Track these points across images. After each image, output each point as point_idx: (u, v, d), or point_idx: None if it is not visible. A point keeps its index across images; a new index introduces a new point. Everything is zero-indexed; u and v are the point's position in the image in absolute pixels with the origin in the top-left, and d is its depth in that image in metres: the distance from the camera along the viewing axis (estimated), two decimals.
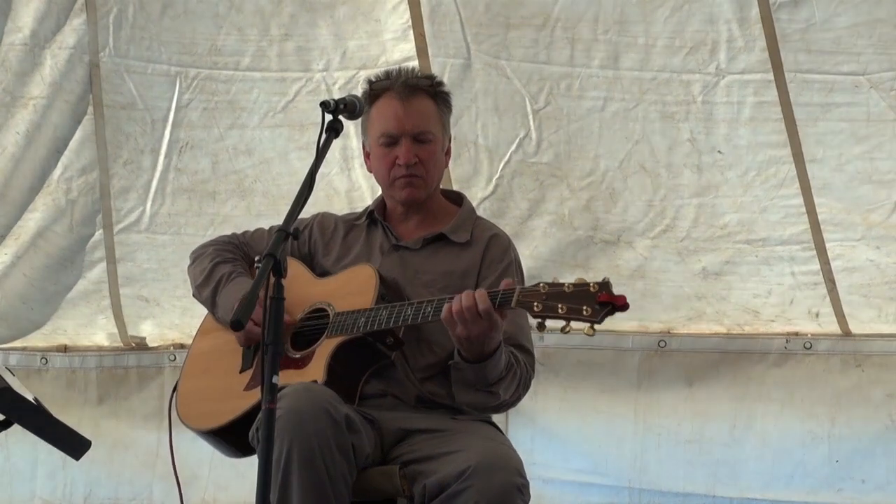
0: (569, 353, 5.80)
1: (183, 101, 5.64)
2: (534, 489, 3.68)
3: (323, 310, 3.89)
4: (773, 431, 5.62)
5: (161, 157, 5.74)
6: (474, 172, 5.59)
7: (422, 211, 4.05)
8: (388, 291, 3.85)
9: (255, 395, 3.76)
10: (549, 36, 5.31)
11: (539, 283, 3.51)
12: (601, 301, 3.40)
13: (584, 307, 3.41)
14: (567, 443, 5.80)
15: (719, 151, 5.35)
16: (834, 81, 5.15)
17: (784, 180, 5.32)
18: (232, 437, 3.88)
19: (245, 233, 4.27)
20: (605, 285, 3.42)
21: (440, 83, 4.06)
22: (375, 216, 4.09)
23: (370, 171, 4.10)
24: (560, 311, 3.44)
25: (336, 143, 3.64)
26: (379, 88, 4.00)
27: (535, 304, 3.47)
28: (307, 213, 3.63)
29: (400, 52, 5.46)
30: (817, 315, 5.54)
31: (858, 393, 5.55)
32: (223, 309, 4.04)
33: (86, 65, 5.61)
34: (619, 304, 3.41)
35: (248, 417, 3.76)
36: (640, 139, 5.39)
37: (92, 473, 6.12)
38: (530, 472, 3.68)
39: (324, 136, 3.59)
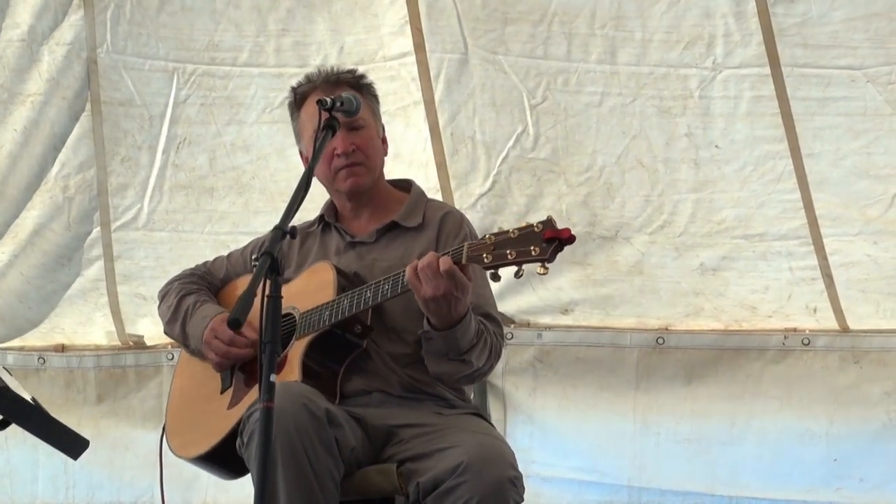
0: (567, 351, 5.80)
1: (180, 97, 5.65)
2: (532, 487, 3.68)
3: (289, 314, 3.90)
4: (771, 430, 5.62)
5: (159, 154, 5.74)
6: (472, 168, 5.60)
7: (371, 203, 4.07)
8: (351, 284, 3.86)
9: (240, 411, 3.82)
10: (546, 31, 5.32)
11: (485, 235, 3.54)
12: (547, 238, 3.42)
13: (532, 247, 3.42)
14: (566, 441, 5.79)
15: (717, 146, 5.35)
16: (831, 76, 5.15)
17: (781, 175, 5.33)
18: (226, 457, 3.90)
19: (206, 263, 4.33)
20: (547, 222, 3.44)
21: (362, 76, 4.09)
22: (327, 220, 4.11)
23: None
24: (510, 256, 3.45)
25: None
26: (303, 92, 4.04)
27: (485, 255, 3.49)
28: (304, 211, 3.63)
29: (397, 47, 5.47)
30: (815, 310, 5.54)
31: (856, 391, 5.55)
32: (194, 339, 4.08)
33: (83, 61, 5.62)
34: (565, 238, 3.43)
35: (236, 434, 3.77)
36: (638, 134, 5.39)
37: (94, 476, 6.12)
38: (528, 470, 3.69)
39: (321, 134, 3.60)
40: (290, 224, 3.35)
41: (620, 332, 5.76)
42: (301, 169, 3.99)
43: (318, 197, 5.35)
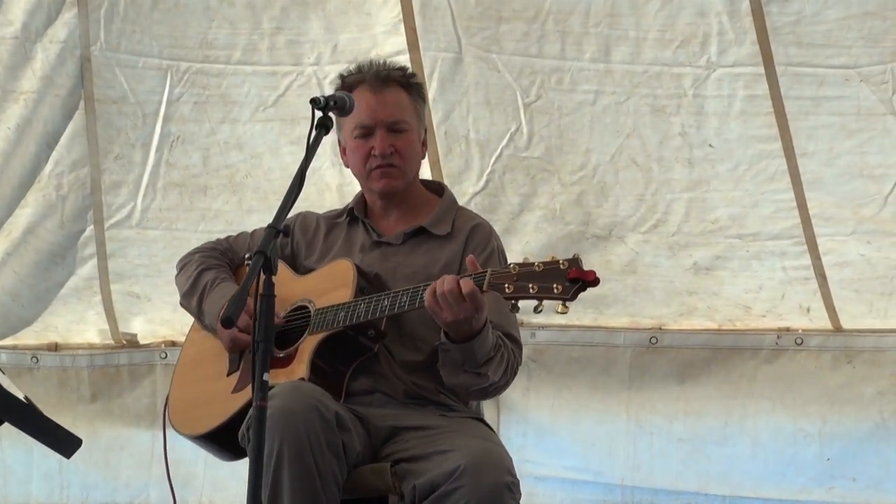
0: (561, 350, 5.80)
1: (174, 95, 5.64)
2: (526, 487, 3.67)
3: (304, 307, 3.88)
4: (764, 429, 5.62)
5: (152, 152, 5.73)
6: (466, 167, 5.59)
7: (402, 204, 4.02)
8: (371, 286, 3.84)
9: (244, 397, 3.79)
10: (540, 29, 5.32)
11: (510, 264, 3.51)
12: (571, 277, 3.39)
13: (555, 285, 3.41)
14: (559, 440, 5.79)
15: (710, 145, 5.36)
16: (825, 75, 5.17)
17: (775, 174, 5.33)
18: (224, 440, 3.87)
19: (228, 237, 4.27)
20: (574, 261, 3.42)
21: (412, 74, 4.06)
22: (356, 213, 4.07)
23: (347, 167, 4.07)
24: (531, 290, 3.43)
25: (327, 138, 3.62)
26: (351, 82, 3.99)
27: (507, 285, 3.47)
28: (298, 209, 3.63)
29: (391, 46, 5.46)
30: (808, 310, 5.54)
31: (849, 390, 5.55)
32: (209, 315, 4.04)
33: (77, 59, 5.61)
34: (589, 280, 3.40)
35: (237, 419, 3.75)
36: (632, 133, 5.40)
37: (89, 476, 6.10)
38: (522, 469, 3.68)
39: (314, 132, 3.59)
40: (284, 223, 3.35)
41: (614, 332, 5.76)
42: (295, 167, 3.97)
43: (312, 195, 5.39)
